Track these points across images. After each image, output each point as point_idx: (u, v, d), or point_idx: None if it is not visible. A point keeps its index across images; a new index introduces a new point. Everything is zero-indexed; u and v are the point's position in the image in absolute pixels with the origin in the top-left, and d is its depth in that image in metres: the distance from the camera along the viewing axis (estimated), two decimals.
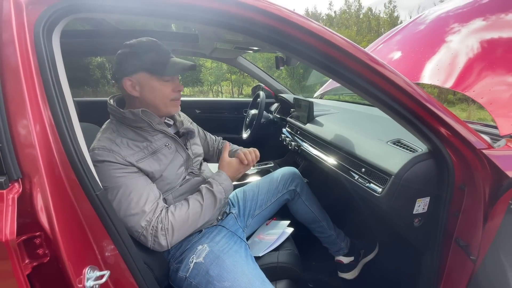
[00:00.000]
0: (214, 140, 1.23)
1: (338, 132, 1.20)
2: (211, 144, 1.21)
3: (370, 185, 0.90)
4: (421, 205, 0.81)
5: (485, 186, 0.72)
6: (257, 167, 1.79)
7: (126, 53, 0.78)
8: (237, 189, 1.20)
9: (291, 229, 1.10)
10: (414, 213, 0.82)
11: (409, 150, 0.84)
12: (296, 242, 1.10)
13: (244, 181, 1.53)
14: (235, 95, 19.75)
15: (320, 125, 1.39)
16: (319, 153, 1.28)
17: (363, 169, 0.95)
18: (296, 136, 1.59)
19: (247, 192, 1.17)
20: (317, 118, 1.48)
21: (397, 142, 0.92)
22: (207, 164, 1.06)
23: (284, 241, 1.05)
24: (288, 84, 14.49)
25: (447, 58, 1.15)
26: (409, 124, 0.72)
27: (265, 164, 1.84)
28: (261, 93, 1.84)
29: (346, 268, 1.26)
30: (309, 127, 1.45)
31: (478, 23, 1.17)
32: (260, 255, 0.98)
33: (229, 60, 1.96)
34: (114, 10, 0.57)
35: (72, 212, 0.54)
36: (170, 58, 0.80)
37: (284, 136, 1.72)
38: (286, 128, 1.77)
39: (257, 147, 1.00)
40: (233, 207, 1.09)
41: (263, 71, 2.15)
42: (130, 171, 0.74)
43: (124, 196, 0.71)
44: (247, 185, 1.22)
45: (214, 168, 0.96)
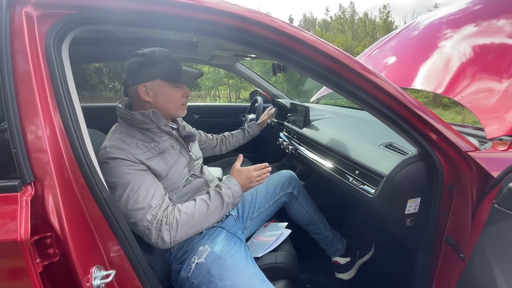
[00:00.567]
0: (212, 137, 1.40)
1: (333, 136, 1.24)
2: (211, 138, 1.39)
3: (364, 187, 0.93)
4: (413, 206, 0.85)
5: (472, 187, 0.75)
6: None
7: (141, 62, 0.83)
8: None
9: (289, 231, 1.13)
10: (406, 213, 0.85)
11: (400, 153, 0.88)
12: (294, 244, 1.13)
13: None
14: (233, 99, 19.83)
15: (316, 130, 1.43)
16: (316, 157, 1.31)
17: (357, 172, 0.99)
18: (293, 140, 1.63)
19: (246, 195, 1.19)
20: (313, 123, 1.52)
21: (389, 146, 0.96)
22: (207, 167, 1.09)
23: (282, 242, 1.08)
24: (285, 89, 14.60)
25: (439, 64, 1.18)
26: (400, 129, 0.75)
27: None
28: (259, 99, 1.88)
29: (343, 269, 1.28)
30: (306, 131, 1.48)
31: (470, 29, 1.20)
32: (259, 256, 1.01)
33: (227, 66, 2.00)
34: (121, 23, 0.61)
35: (80, 214, 0.57)
36: (182, 67, 0.87)
37: (282, 140, 1.76)
38: (283, 132, 1.81)
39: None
40: (233, 210, 1.12)
41: (261, 77, 2.19)
42: (140, 169, 0.78)
43: (133, 192, 0.74)
44: None
45: (214, 171, 0.99)
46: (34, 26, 0.55)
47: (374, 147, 1.00)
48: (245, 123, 2.02)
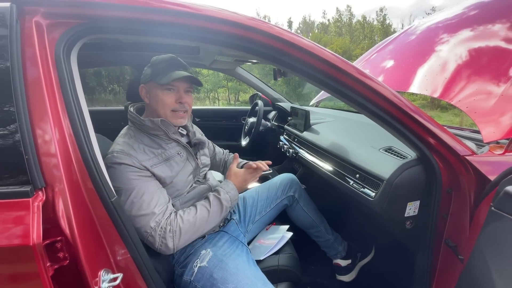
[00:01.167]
0: (222, 153, 1.29)
1: (334, 140, 1.26)
2: (219, 156, 1.27)
3: (364, 190, 0.95)
4: (412, 208, 0.86)
5: (470, 190, 0.77)
6: None
7: (148, 65, 0.88)
8: None
9: (291, 234, 1.14)
10: (406, 216, 0.87)
11: (400, 157, 0.90)
12: (295, 247, 1.14)
13: None
14: (232, 102, 19.87)
15: (317, 133, 1.45)
16: (316, 160, 1.33)
17: (357, 175, 1.00)
18: (294, 144, 1.64)
19: (247, 199, 1.21)
20: (314, 126, 1.54)
21: (389, 150, 0.98)
22: (211, 172, 1.10)
23: (284, 245, 1.09)
24: (284, 91, 14.64)
25: (435, 68, 1.19)
26: (397, 132, 0.77)
27: (264, 171, 1.88)
28: (259, 102, 1.90)
29: (344, 271, 1.29)
30: (306, 135, 1.50)
31: (466, 34, 1.22)
32: (261, 259, 1.02)
33: (228, 70, 2.01)
34: (129, 32, 0.62)
35: (89, 218, 0.58)
36: (176, 70, 0.85)
37: (282, 143, 1.77)
38: (284, 136, 1.82)
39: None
40: (234, 214, 1.13)
41: (261, 81, 2.21)
42: (144, 175, 0.79)
43: (137, 198, 0.75)
44: (247, 192, 1.26)
45: (217, 176, 1.01)
46: (44, 35, 0.56)
47: (374, 151, 1.01)
48: (246, 127, 2.03)
